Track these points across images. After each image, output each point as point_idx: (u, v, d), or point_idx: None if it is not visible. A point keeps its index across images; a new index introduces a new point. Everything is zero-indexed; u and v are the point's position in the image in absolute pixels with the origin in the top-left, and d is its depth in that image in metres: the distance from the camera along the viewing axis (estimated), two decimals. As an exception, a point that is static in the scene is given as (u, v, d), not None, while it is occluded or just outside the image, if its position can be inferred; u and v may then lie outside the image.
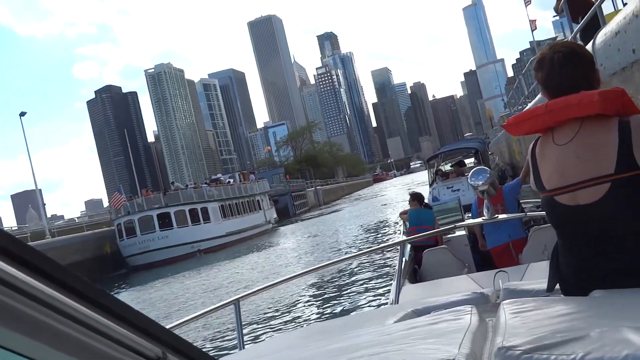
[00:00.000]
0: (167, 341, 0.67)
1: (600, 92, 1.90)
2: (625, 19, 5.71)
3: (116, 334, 0.59)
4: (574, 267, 2.01)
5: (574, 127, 1.96)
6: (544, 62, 2.07)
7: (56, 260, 0.52)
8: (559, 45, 2.11)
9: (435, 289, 5.35)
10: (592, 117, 1.91)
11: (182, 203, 39.52)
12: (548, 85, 2.07)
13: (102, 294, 0.58)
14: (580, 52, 2.08)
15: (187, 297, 19.38)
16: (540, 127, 2.07)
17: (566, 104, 1.94)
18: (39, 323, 0.52)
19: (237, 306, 3.25)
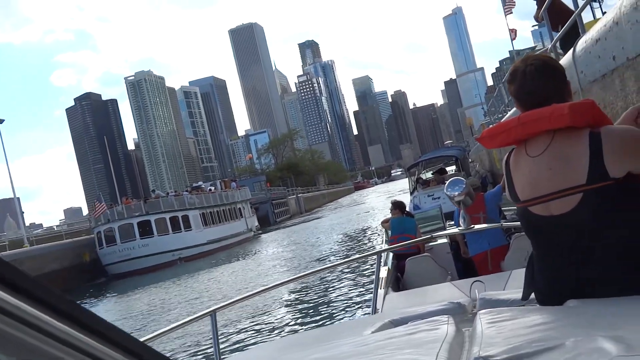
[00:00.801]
0: (143, 356, 0.66)
1: (570, 105, 1.92)
2: (605, 26, 5.77)
3: (91, 348, 0.58)
4: (548, 277, 2.02)
5: (545, 140, 1.97)
6: (517, 74, 2.09)
7: (34, 268, 0.53)
8: (531, 58, 2.13)
9: (418, 297, 5.34)
10: (564, 129, 1.93)
11: (163, 211, 39.25)
12: (520, 98, 2.09)
13: (74, 306, 0.57)
14: (552, 64, 2.09)
15: (166, 306, 19.19)
16: (513, 139, 2.08)
17: (538, 117, 1.95)
18: (7, 336, 0.51)
19: (214, 317, 3.20)
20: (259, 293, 4.14)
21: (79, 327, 0.57)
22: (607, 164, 1.84)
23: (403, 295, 5.76)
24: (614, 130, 1.91)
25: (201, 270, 28.94)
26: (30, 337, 0.52)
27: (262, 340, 11.23)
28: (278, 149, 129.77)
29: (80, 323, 0.57)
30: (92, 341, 0.58)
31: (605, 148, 1.85)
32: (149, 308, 19.57)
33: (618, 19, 5.32)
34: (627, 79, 5.45)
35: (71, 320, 0.56)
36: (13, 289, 0.51)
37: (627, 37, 5.17)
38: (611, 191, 1.85)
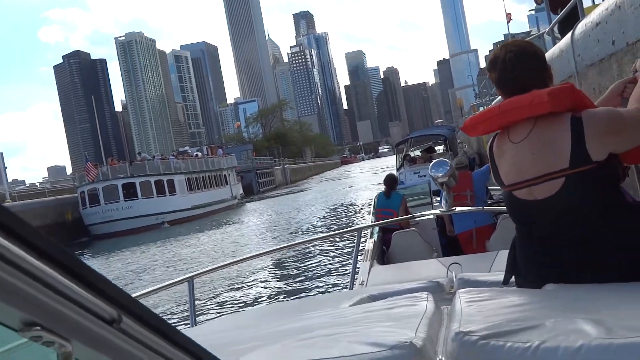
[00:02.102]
0: (123, 303, 0.65)
1: (549, 91, 1.92)
2: (607, 9, 5.70)
3: (70, 291, 0.57)
4: (529, 261, 2.03)
5: (527, 126, 1.97)
6: (497, 62, 2.09)
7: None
8: (510, 44, 2.13)
9: (402, 271, 5.34)
10: (545, 114, 1.93)
11: (148, 174, 39.10)
12: (501, 85, 2.10)
13: (54, 246, 0.55)
14: (531, 50, 2.09)
15: (146, 268, 19.21)
16: (495, 128, 2.10)
17: (518, 104, 1.96)
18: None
19: (191, 283, 3.19)
20: (238, 262, 4.12)
21: (63, 270, 0.56)
22: (589, 148, 1.86)
23: (388, 269, 5.76)
24: (594, 114, 1.92)
25: (184, 235, 28.96)
26: (10, 277, 0.51)
27: (239, 309, 11.26)
28: (267, 119, 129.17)
29: (64, 266, 0.56)
30: (74, 285, 0.58)
31: (587, 132, 1.87)
32: (129, 270, 19.58)
33: (621, 3, 5.26)
34: (624, 65, 5.41)
35: (55, 263, 0.55)
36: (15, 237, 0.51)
37: (629, 21, 5.12)
38: (593, 175, 1.87)
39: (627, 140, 1.94)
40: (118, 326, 0.65)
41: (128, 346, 0.67)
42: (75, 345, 0.59)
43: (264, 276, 14.75)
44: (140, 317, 0.68)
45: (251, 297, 12.52)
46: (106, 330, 0.63)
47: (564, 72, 7.38)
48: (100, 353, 0.63)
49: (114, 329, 0.64)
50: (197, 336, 1.48)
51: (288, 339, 1.62)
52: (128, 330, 0.66)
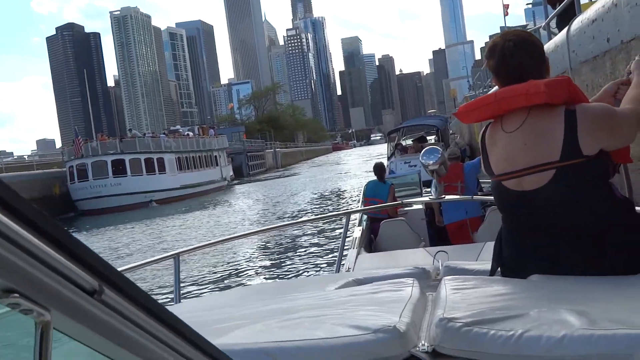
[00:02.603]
0: (105, 274, 0.64)
1: (546, 82, 1.92)
2: (604, 7, 5.71)
3: (50, 258, 0.56)
4: (515, 251, 2.04)
5: (521, 116, 1.97)
6: (496, 50, 2.08)
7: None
8: (510, 33, 2.13)
9: (389, 259, 5.36)
10: (540, 105, 1.93)
11: (139, 151, 38.81)
12: (499, 73, 2.09)
13: (35, 211, 0.54)
14: (531, 40, 2.09)
15: (131, 246, 19.17)
16: (490, 115, 2.09)
17: (514, 93, 1.96)
18: None
19: (177, 260, 3.18)
20: (225, 241, 4.12)
21: (43, 237, 0.55)
22: (580, 142, 1.86)
23: (375, 257, 5.79)
24: (588, 108, 1.93)
25: (172, 215, 28.88)
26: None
27: (225, 287, 11.28)
28: (260, 101, 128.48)
29: (44, 233, 0.55)
30: (55, 253, 0.56)
31: (580, 126, 1.87)
32: (114, 247, 19.53)
33: (617, 1, 5.27)
34: (618, 62, 5.44)
35: (35, 229, 0.54)
36: None
37: (624, 19, 5.13)
38: (583, 168, 1.87)
39: (618, 138, 1.95)
40: (99, 297, 0.63)
41: (109, 318, 0.65)
42: (55, 314, 0.58)
43: (251, 256, 14.78)
44: (123, 290, 0.67)
45: (237, 276, 12.55)
46: (87, 301, 0.62)
47: (558, 67, 7.40)
48: (79, 324, 0.62)
49: (95, 300, 0.63)
50: (181, 313, 1.49)
51: (272, 319, 1.63)
52: (109, 302, 0.65)
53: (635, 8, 4.84)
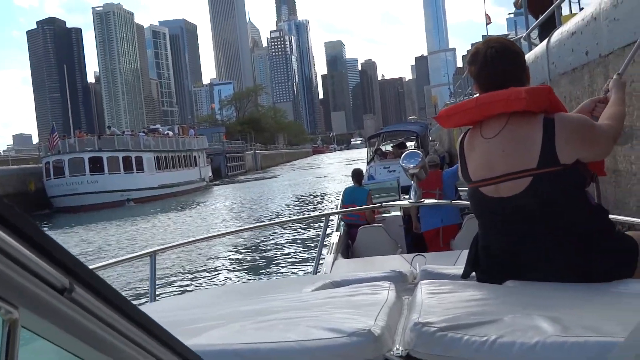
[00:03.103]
0: (76, 272, 0.62)
1: (527, 89, 1.95)
2: (583, 20, 5.79)
3: (19, 254, 0.54)
4: (490, 257, 2.05)
5: (500, 122, 1.99)
6: (478, 56, 2.10)
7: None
8: (492, 40, 2.16)
9: (365, 265, 5.37)
10: (519, 112, 1.95)
11: (117, 149, 38.46)
12: (480, 79, 2.11)
13: (4, 206, 0.52)
14: (513, 49, 2.12)
15: (106, 245, 18.96)
16: (470, 120, 2.11)
17: (495, 99, 1.98)
18: None
19: (153, 258, 3.14)
20: (202, 240, 4.09)
21: (11, 232, 0.53)
22: (558, 150, 1.89)
23: (351, 262, 5.79)
24: (567, 118, 1.96)
25: (149, 214, 28.64)
26: None
27: (200, 287, 11.23)
28: (241, 102, 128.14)
29: (13, 227, 0.53)
30: (24, 250, 0.55)
31: (558, 134, 1.89)
32: (89, 245, 19.33)
33: (597, 15, 5.34)
34: (596, 76, 5.51)
35: (3, 224, 0.52)
36: None
37: (603, 33, 5.20)
38: (560, 176, 1.90)
39: (595, 150, 1.98)
40: (69, 296, 0.61)
41: (79, 317, 0.64)
42: (23, 312, 0.57)
43: (228, 256, 14.72)
44: (94, 288, 0.65)
45: (214, 276, 12.49)
46: (56, 299, 0.60)
47: (537, 78, 7.48)
48: (49, 322, 0.60)
49: (65, 298, 0.61)
50: (155, 312, 1.47)
51: (247, 320, 1.62)
52: (80, 300, 0.63)
53: (614, 22, 4.91)
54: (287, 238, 16.11)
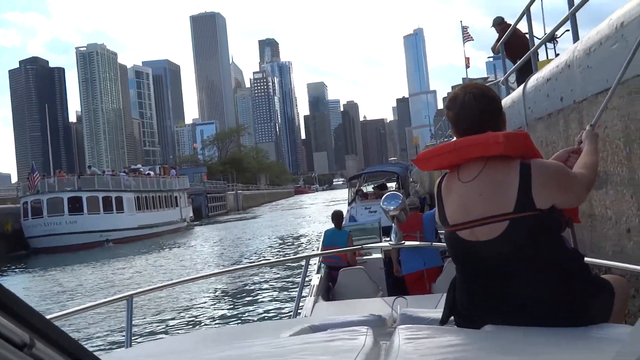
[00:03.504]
0: (36, 326, 0.60)
1: (505, 134, 1.97)
2: (558, 67, 5.90)
3: None
4: (468, 301, 2.05)
5: (478, 166, 2.01)
6: (456, 101, 2.13)
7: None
8: (470, 86, 2.18)
9: (346, 308, 5.32)
10: (496, 157, 1.97)
11: (97, 189, 38.21)
12: (457, 124, 2.14)
13: None
14: (490, 95, 2.15)
15: (84, 287, 18.65)
16: (448, 163, 2.12)
17: (473, 143, 2.00)
18: None
19: (130, 302, 3.09)
20: (180, 283, 4.04)
21: None
22: (534, 195, 1.90)
23: (331, 305, 5.74)
24: (543, 164, 1.98)
25: (128, 255, 28.31)
26: None
27: (178, 331, 11.05)
28: (224, 142, 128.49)
29: None
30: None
31: (534, 180, 1.91)
32: (65, 287, 18.98)
33: (570, 62, 5.45)
34: (571, 121, 5.59)
35: None
36: None
37: (576, 80, 5.30)
38: (536, 221, 1.90)
39: (570, 197, 2.01)
40: (29, 351, 0.59)
41: None
42: None
43: (208, 299, 14.53)
44: (55, 342, 0.63)
45: (192, 320, 12.30)
46: (16, 356, 0.58)
47: (514, 122, 7.57)
48: None
49: (25, 354, 0.59)
50: (131, 357, 1.42)
51: None
52: (40, 355, 0.61)
53: (587, 70, 5.01)
54: (267, 280, 15.96)
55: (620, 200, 4.61)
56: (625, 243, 4.58)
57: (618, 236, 4.73)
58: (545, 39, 8.12)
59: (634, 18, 4.01)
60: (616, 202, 4.70)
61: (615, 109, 4.39)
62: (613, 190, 4.72)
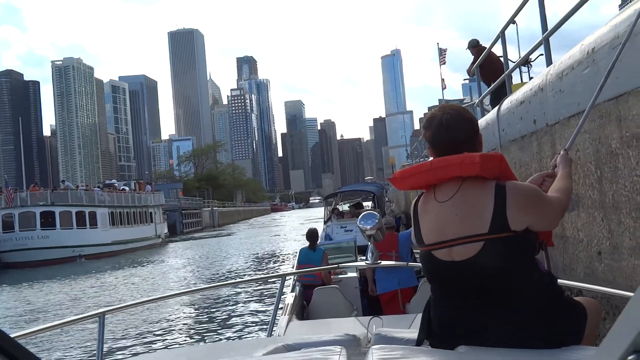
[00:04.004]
0: (3, 347, 0.58)
1: (481, 155, 1.98)
2: (531, 90, 6.01)
3: None
4: (443, 322, 2.05)
5: (454, 186, 2.02)
6: (433, 121, 2.14)
7: None
8: (448, 107, 2.20)
9: (320, 327, 5.29)
10: (472, 178, 1.99)
11: (70, 204, 37.70)
12: (434, 144, 2.14)
13: None
14: (467, 116, 2.16)
15: (54, 303, 18.30)
16: (424, 183, 2.12)
17: (449, 163, 2.01)
18: None
19: (102, 320, 3.04)
20: (153, 300, 3.99)
21: None
22: (509, 217, 1.91)
23: (305, 325, 5.70)
24: (518, 186, 2.00)
25: (100, 272, 27.92)
26: None
27: (150, 349, 10.88)
28: (200, 159, 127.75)
29: None
30: None
31: (509, 201, 1.92)
32: (35, 303, 18.61)
33: (543, 86, 5.55)
34: (543, 144, 5.67)
35: None
36: None
37: (549, 103, 5.40)
38: (511, 242, 1.91)
39: (543, 219, 2.02)
40: None
41: None
42: None
43: (181, 317, 14.34)
44: None
45: (165, 338, 12.12)
46: None
47: (488, 144, 7.67)
48: None
49: None
50: None
51: None
52: None
53: (559, 94, 5.11)
54: (242, 298, 15.82)
55: (591, 222, 4.68)
56: (597, 265, 4.64)
57: (589, 258, 4.80)
58: (519, 62, 8.26)
59: (605, 44, 4.11)
60: (587, 225, 4.77)
61: (587, 133, 4.47)
62: (584, 212, 4.79)
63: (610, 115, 4.11)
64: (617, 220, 4.18)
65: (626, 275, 4.10)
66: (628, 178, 3.94)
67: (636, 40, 3.58)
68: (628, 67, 3.70)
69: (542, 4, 6.22)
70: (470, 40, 11.98)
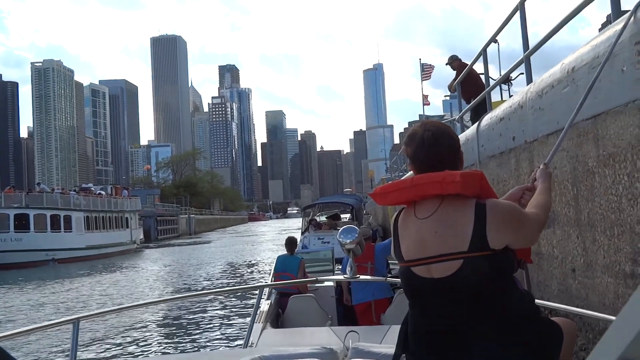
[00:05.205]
0: None
1: (462, 173, 1.98)
2: (510, 107, 6.08)
3: None
4: (419, 338, 2.04)
5: (434, 204, 2.02)
6: (415, 138, 2.14)
7: None
8: (429, 124, 2.20)
9: (295, 337, 5.28)
10: (452, 195, 1.98)
11: (45, 207, 37.22)
12: (415, 161, 2.13)
13: None
14: (448, 133, 2.17)
15: (26, 308, 17.97)
16: (404, 199, 2.12)
17: (430, 180, 2.01)
18: None
19: (76, 326, 2.99)
20: (128, 308, 3.95)
21: None
22: (488, 235, 1.91)
23: (280, 333, 5.68)
24: (497, 205, 2.00)
25: (73, 276, 27.53)
26: None
27: (124, 358, 10.75)
28: (179, 166, 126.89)
29: None
30: None
31: (489, 220, 1.93)
32: (4, 307, 18.27)
33: (523, 103, 5.62)
34: (522, 160, 5.74)
35: None
36: None
37: (528, 121, 5.46)
38: (490, 260, 1.92)
39: (523, 237, 2.03)
40: None
41: None
42: None
43: (156, 326, 14.19)
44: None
45: (139, 347, 11.96)
46: None
47: (467, 159, 7.72)
48: None
49: None
50: None
51: None
52: None
53: (538, 112, 5.17)
54: (218, 308, 15.69)
55: (566, 240, 4.73)
56: (570, 282, 4.68)
57: (563, 275, 4.84)
58: (500, 80, 8.36)
59: (585, 63, 4.17)
60: (562, 242, 4.82)
61: (565, 151, 4.53)
62: (560, 230, 4.84)
63: (588, 134, 4.17)
64: (591, 238, 4.24)
65: (599, 292, 4.15)
66: (604, 197, 3.99)
67: (615, 61, 3.65)
68: (606, 87, 3.77)
69: (524, 24, 6.31)
70: (450, 56, 12.08)
